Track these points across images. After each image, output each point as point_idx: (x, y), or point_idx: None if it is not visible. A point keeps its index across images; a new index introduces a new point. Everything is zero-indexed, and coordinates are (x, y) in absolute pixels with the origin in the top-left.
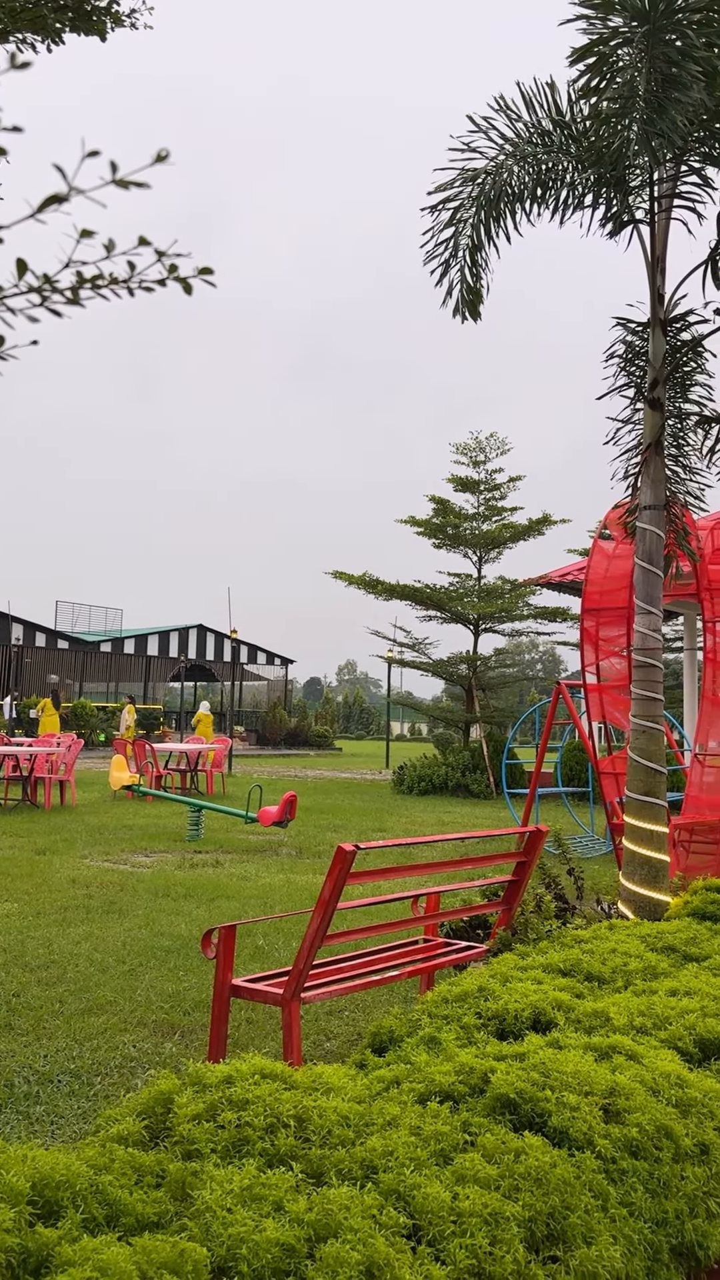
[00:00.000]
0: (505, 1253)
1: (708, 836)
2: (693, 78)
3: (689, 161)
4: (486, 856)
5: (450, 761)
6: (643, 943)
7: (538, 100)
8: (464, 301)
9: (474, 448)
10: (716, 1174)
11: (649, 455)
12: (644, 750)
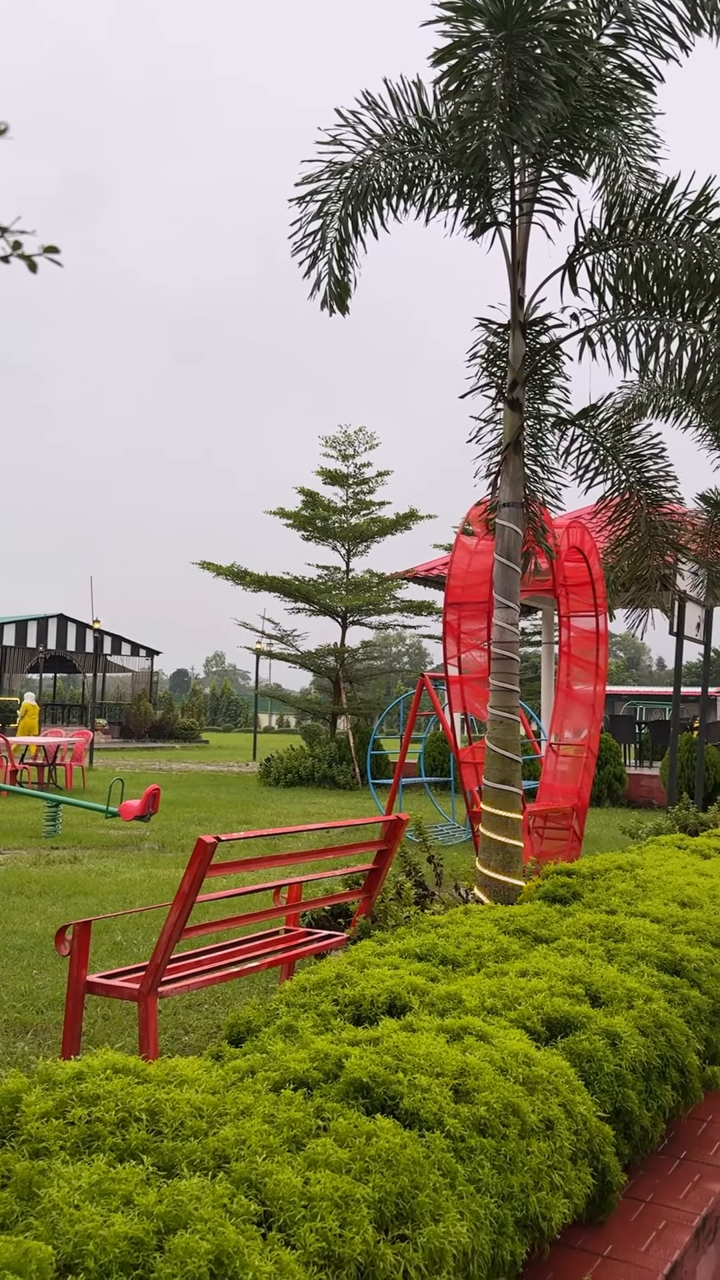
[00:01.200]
0: (355, 1234)
1: (560, 822)
2: (547, 86)
3: (549, 167)
4: (349, 845)
5: (317, 753)
6: (496, 926)
7: (404, 98)
8: (332, 294)
9: (343, 441)
10: (560, 1148)
11: (508, 454)
12: (501, 740)
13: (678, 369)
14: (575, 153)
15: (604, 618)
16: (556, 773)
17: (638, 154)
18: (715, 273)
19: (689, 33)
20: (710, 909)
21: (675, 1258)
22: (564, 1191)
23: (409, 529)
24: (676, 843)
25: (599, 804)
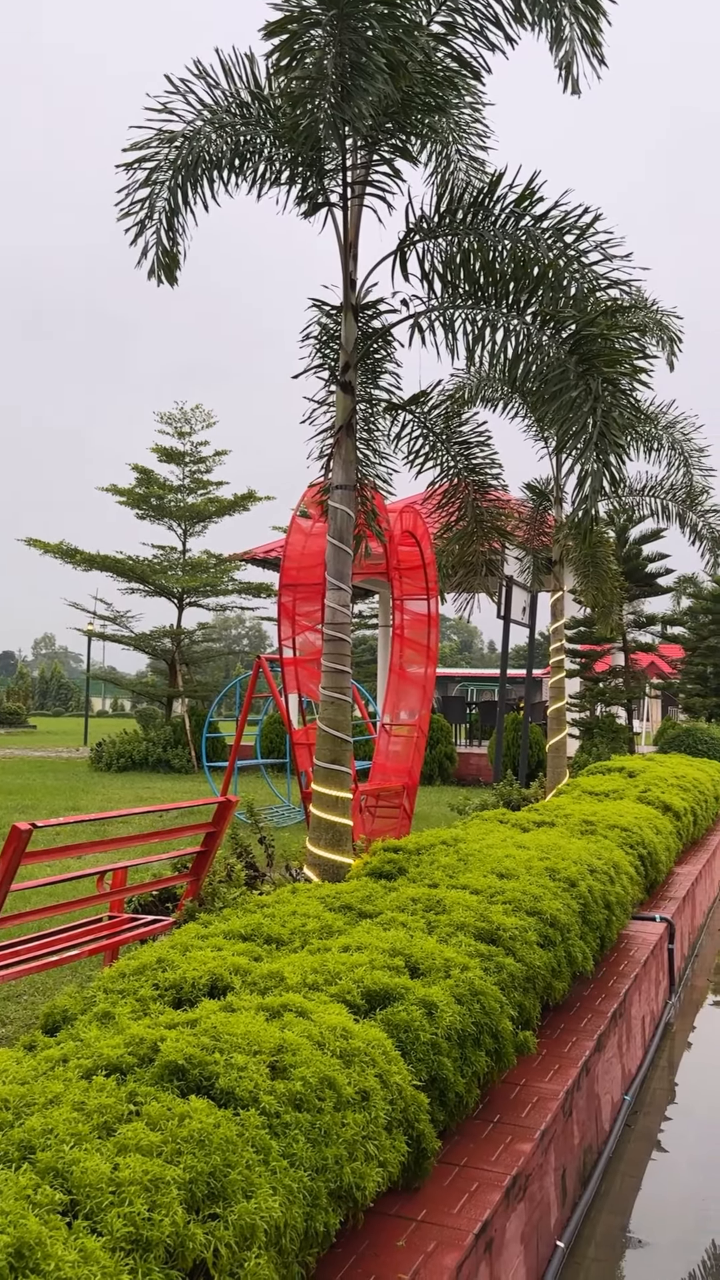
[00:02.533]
0: (164, 1216)
1: (392, 801)
2: (378, 68)
3: (380, 151)
4: (177, 829)
5: (152, 737)
6: (322, 903)
7: (236, 70)
8: (160, 264)
9: (179, 418)
10: (375, 1118)
11: (341, 437)
12: (332, 720)
13: (503, 359)
14: (407, 138)
15: (435, 601)
16: (389, 752)
17: (468, 144)
18: (539, 266)
19: (514, 24)
20: (526, 879)
21: (485, 1217)
22: (379, 1160)
23: (248, 510)
24: (499, 817)
25: (430, 782)
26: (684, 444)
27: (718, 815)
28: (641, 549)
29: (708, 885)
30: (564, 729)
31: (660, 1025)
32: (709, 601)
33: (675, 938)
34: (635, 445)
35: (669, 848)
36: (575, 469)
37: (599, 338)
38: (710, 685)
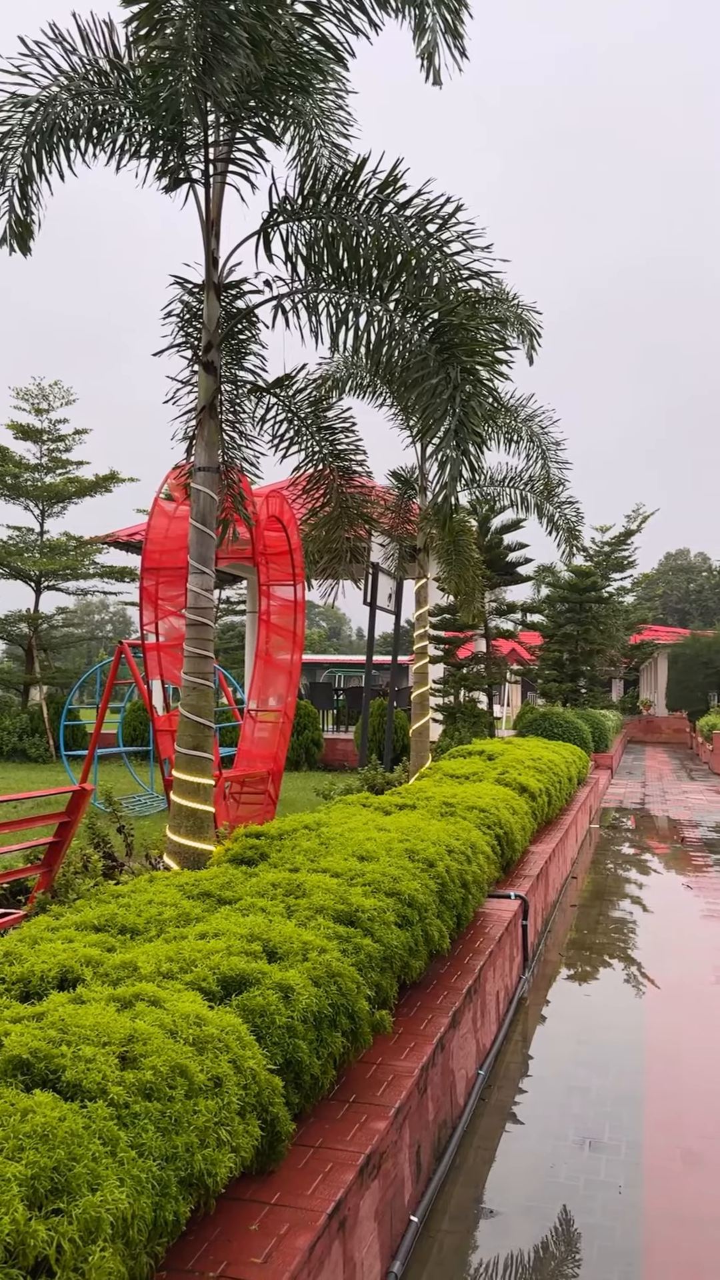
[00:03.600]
0: (4, 1214)
1: (257, 787)
2: (240, 43)
3: (243, 129)
4: (30, 819)
5: (7, 725)
6: (180, 891)
7: (95, 38)
8: (13, 232)
9: (36, 394)
10: (228, 1104)
11: (203, 418)
12: (194, 706)
13: (366, 345)
14: (270, 118)
15: (302, 587)
16: (254, 739)
17: (333, 129)
18: (401, 254)
19: (378, 9)
20: (386, 861)
21: (339, 1197)
22: (231, 1146)
23: (110, 491)
24: (362, 801)
25: (297, 768)
26: (542, 437)
27: (571, 796)
28: (503, 538)
29: (561, 863)
30: (427, 714)
31: (514, 1000)
32: (566, 590)
33: (529, 914)
34: (496, 436)
35: (525, 828)
36: (436, 456)
37: (459, 327)
38: (566, 671)
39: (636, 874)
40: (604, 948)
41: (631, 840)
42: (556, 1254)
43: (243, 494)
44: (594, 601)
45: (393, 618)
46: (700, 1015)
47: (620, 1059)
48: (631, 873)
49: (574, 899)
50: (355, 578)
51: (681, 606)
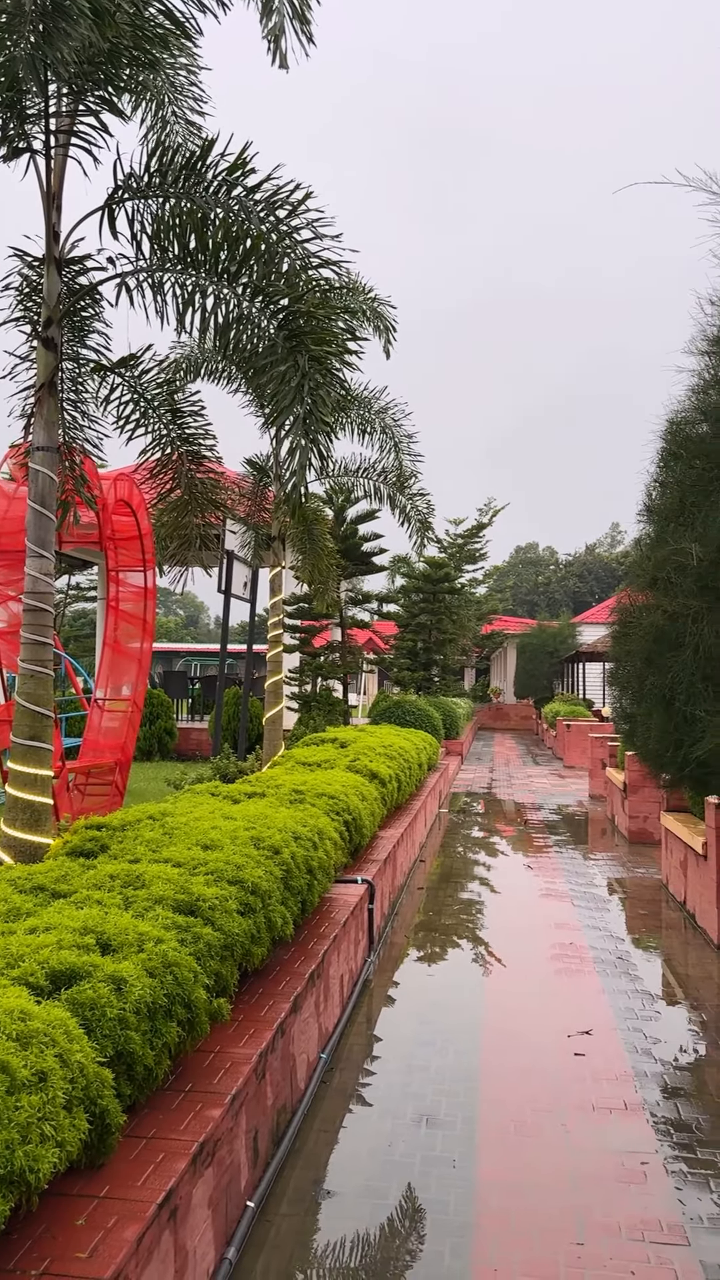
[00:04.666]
0: None
1: (103, 778)
2: (81, 13)
3: (87, 101)
4: None
5: None
6: (11, 886)
7: None
8: None
9: None
10: (53, 1099)
11: (43, 395)
12: (31, 695)
13: (214, 328)
14: (116, 92)
15: (153, 574)
16: (102, 729)
17: (186, 105)
18: (251, 238)
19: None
20: (230, 850)
21: (170, 1186)
22: (56, 1141)
23: None
24: (211, 790)
25: (149, 758)
26: (395, 430)
27: (421, 781)
28: (358, 528)
29: (409, 847)
30: (281, 702)
31: (359, 983)
32: (420, 580)
33: (375, 898)
34: (349, 427)
35: (374, 813)
36: (286, 443)
37: (308, 315)
38: (420, 660)
39: (482, 856)
40: (449, 929)
41: (478, 824)
42: (392, 1230)
43: (84, 476)
44: (447, 592)
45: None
46: (535, 991)
47: (460, 1037)
48: (477, 855)
49: (421, 882)
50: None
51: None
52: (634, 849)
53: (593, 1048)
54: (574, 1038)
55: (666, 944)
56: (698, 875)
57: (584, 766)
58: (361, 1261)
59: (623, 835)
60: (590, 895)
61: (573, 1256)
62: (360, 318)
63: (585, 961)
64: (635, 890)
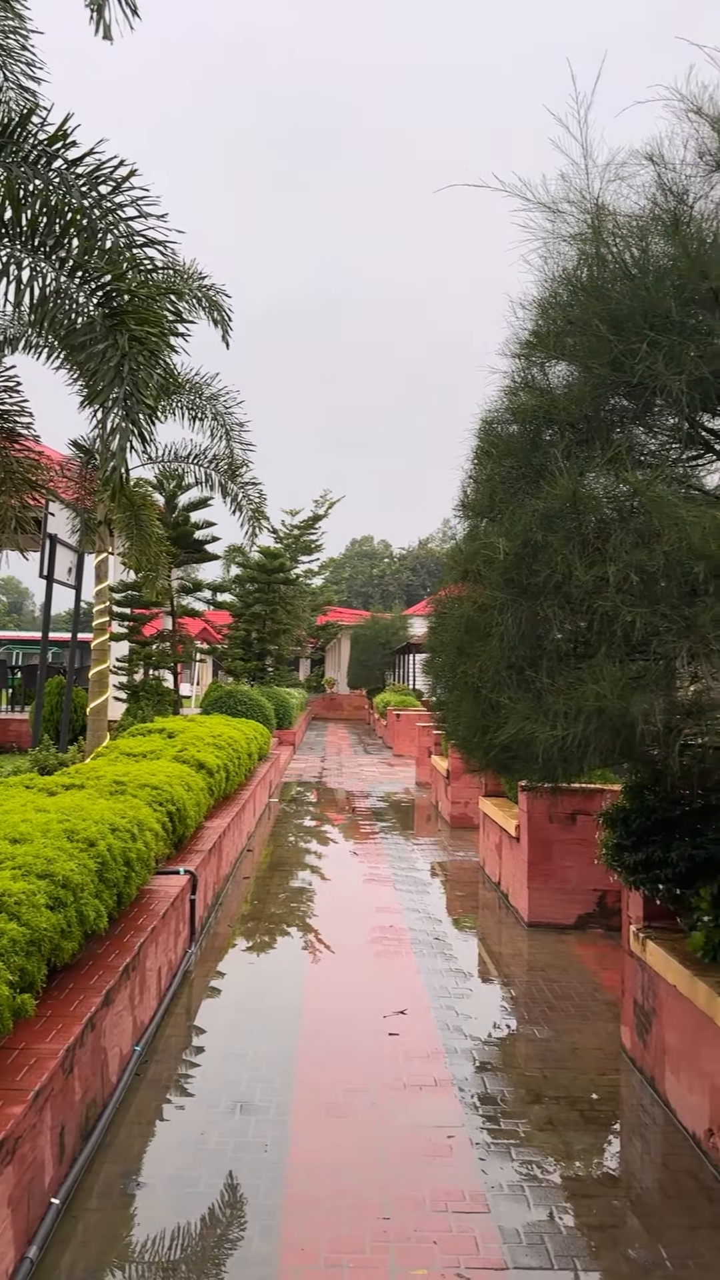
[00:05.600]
0: None
1: None
2: None
3: None
4: None
5: None
6: None
7: None
8: None
9: None
10: None
11: None
12: None
13: (30, 301)
14: None
15: None
16: None
17: (18, 69)
18: (71, 212)
19: None
20: (41, 843)
21: None
22: None
23: None
24: (25, 782)
25: None
26: (226, 417)
27: (251, 771)
28: (189, 515)
29: (236, 837)
30: (106, 692)
31: (179, 974)
32: (255, 570)
33: (199, 889)
34: (179, 411)
35: (199, 804)
36: (106, 424)
37: (131, 294)
38: (253, 650)
39: (310, 844)
40: (274, 917)
41: (309, 813)
42: (202, 1218)
43: None
44: (282, 582)
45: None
46: (355, 975)
47: (279, 1023)
48: (305, 843)
49: (249, 871)
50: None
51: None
52: (455, 834)
53: (407, 1027)
54: (389, 1018)
55: (482, 924)
56: (511, 857)
57: (412, 755)
58: (170, 1251)
59: (445, 821)
60: (412, 879)
61: (378, 1231)
62: (192, 303)
63: (403, 943)
64: (455, 873)
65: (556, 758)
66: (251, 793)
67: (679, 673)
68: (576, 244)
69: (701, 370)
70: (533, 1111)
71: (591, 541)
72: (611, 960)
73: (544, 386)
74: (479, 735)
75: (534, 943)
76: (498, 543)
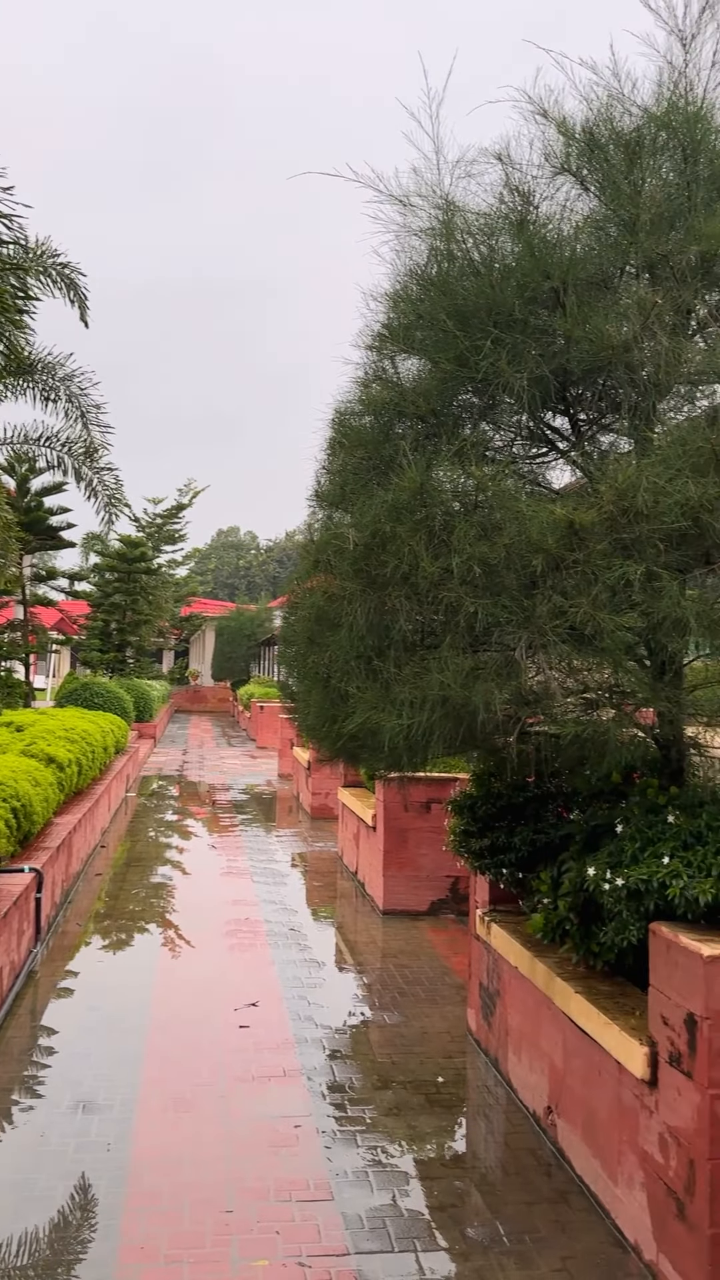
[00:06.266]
0: None
1: None
2: None
3: None
4: None
5: None
6: None
7: None
8: None
9: None
10: None
11: None
12: None
13: None
14: None
15: None
16: None
17: None
18: None
19: None
20: None
21: None
22: None
23: None
24: None
25: None
26: (82, 399)
27: (107, 765)
28: (43, 500)
29: (88, 833)
30: None
31: (23, 975)
32: (115, 559)
33: (45, 886)
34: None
35: (48, 799)
36: None
37: None
38: (113, 641)
39: (167, 839)
40: (126, 913)
41: (168, 806)
42: (39, 1221)
43: None
44: (143, 572)
45: None
46: (208, 969)
47: (128, 1021)
48: (162, 838)
49: (102, 867)
50: None
51: (231, 581)
52: (316, 824)
53: (258, 1019)
54: (240, 1010)
55: (339, 913)
56: (368, 846)
57: (275, 747)
58: (3, 1255)
59: (306, 812)
60: (270, 871)
61: (221, 1225)
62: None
63: (259, 935)
64: (314, 864)
65: (402, 746)
66: (107, 787)
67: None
68: (427, 239)
69: (542, 369)
70: (380, 1097)
71: (438, 533)
72: (462, 945)
73: (395, 379)
74: (328, 725)
75: (388, 930)
76: (348, 533)
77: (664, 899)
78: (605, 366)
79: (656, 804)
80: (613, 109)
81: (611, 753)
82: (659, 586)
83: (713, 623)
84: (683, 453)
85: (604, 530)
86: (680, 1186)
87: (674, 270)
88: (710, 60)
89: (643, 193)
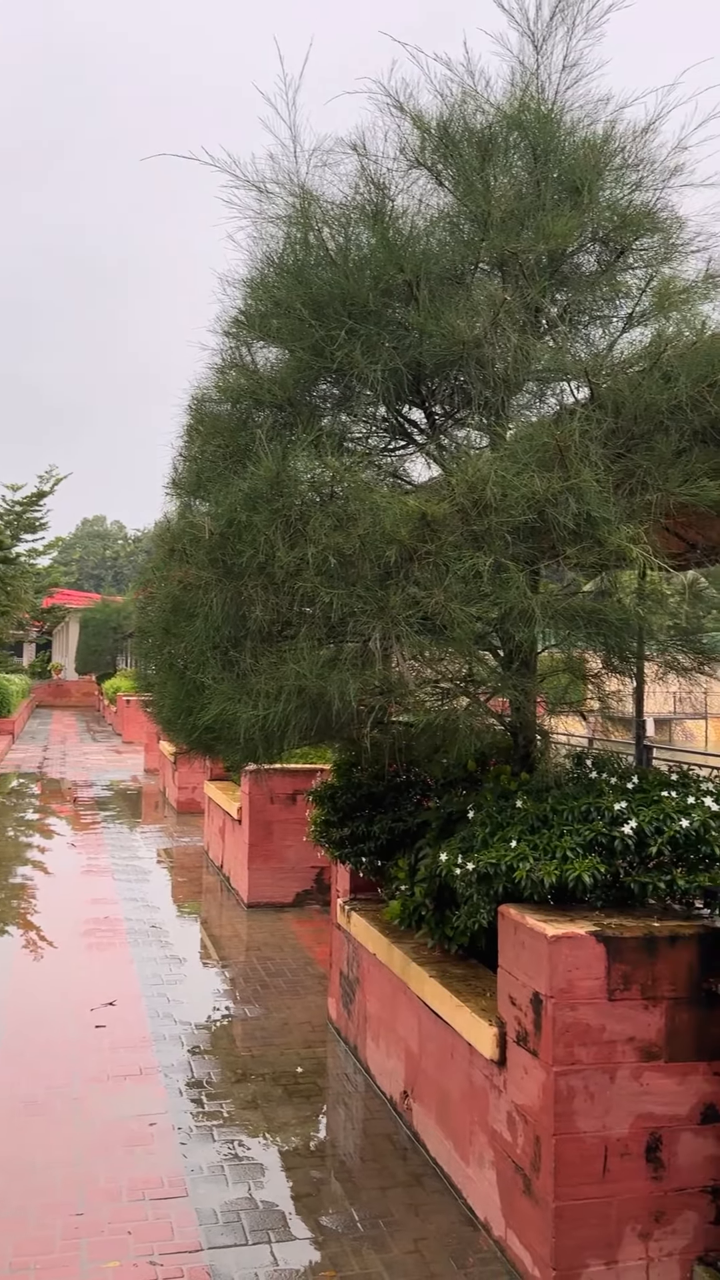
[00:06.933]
0: None
1: None
2: None
3: None
4: None
5: None
6: None
7: None
8: None
9: None
10: None
11: None
12: None
13: None
14: None
15: None
16: None
17: None
18: None
19: None
20: None
21: None
22: None
23: None
24: None
25: None
26: None
27: None
28: None
29: None
30: None
31: None
32: None
33: None
34: None
35: None
36: None
37: None
38: None
39: (23, 838)
40: None
41: (27, 805)
42: None
43: None
44: (1, 562)
45: None
46: (64, 969)
47: None
48: (23, 837)
49: None
50: None
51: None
52: (182, 819)
53: (115, 1018)
54: (97, 1010)
55: (203, 908)
56: (234, 839)
57: (142, 741)
58: None
59: (172, 807)
60: (133, 868)
61: (70, 1228)
62: None
63: (118, 934)
64: (179, 859)
65: (259, 738)
66: None
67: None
68: (284, 226)
69: (397, 361)
70: (239, 1090)
71: (294, 523)
72: (326, 935)
73: (252, 367)
74: (184, 716)
75: (253, 923)
76: (204, 522)
77: (512, 881)
78: (457, 361)
79: (507, 790)
80: (467, 106)
81: (462, 740)
82: (507, 578)
83: (557, 613)
84: (530, 448)
85: (456, 522)
86: (527, 1163)
87: (524, 268)
88: (561, 64)
89: (495, 190)
